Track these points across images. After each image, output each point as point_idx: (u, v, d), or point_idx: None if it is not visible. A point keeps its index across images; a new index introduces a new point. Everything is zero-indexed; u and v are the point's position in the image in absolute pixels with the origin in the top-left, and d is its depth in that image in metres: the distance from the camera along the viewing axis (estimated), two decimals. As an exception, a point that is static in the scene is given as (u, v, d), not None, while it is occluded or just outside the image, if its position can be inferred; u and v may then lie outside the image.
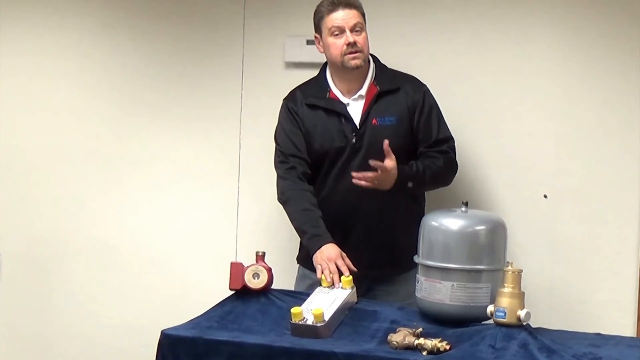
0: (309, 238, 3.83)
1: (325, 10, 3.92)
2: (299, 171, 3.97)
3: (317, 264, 3.71)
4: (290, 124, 4.04)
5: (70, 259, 4.98)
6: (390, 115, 3.97)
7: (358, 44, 3.89)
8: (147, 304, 4.83)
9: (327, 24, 3.92)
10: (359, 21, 3.91)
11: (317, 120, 4.00)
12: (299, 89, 4.13)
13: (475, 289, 3.36)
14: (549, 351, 3.08)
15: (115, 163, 4.91)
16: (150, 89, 4.85)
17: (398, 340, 3.19)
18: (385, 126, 3.94)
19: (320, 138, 3.99)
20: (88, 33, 4.95)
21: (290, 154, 4.00)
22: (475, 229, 3.45)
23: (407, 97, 4.00)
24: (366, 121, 3.96)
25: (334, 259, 3.69)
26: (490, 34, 4.32)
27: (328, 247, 3.75)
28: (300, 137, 4.01)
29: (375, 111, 3.97)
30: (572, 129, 4.21)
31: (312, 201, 3.91)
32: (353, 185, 3.83)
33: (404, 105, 3.99)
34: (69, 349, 4.99)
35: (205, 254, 4.77)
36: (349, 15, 3.89)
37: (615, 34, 4.14)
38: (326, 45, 3.97)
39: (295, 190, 3.95)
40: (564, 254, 4.20)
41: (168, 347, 3.35)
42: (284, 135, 4.04)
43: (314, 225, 3.84)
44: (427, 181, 3.95)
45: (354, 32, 3.89)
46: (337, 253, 3.71)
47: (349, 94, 4.00)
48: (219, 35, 4.75)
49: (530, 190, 4.26)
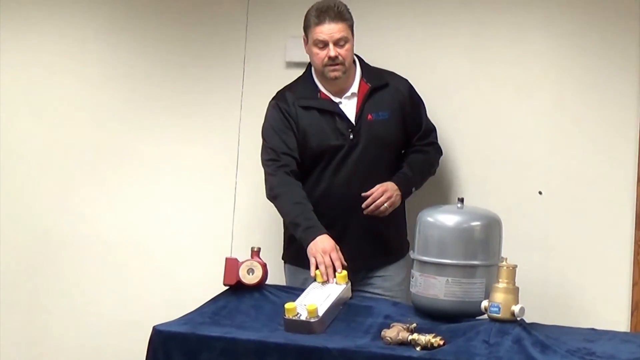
0: (303, 230, 3.83)
1: (312, 21, 3.97)
2: (289, 169, 3.99)
3: (311, 255, 3.71)
4: (281, 123, 4.06)
5: (64, 256, 4.98)
6: (384, 110, 4.04)
7: (340, 56, 3.95)
8: (142, 300, 4.83)
9: (312, 35, 3.97)
10: (344, 35, 3.95)
11: (311, 120, 4.03)
12: (287, 90, 4.15)
13: (470, 285, 3.37)
14: (543, 346, 3.08)
15: (112, 160, 4.91)
16: (152, 87, 4.86)
17: (392, 336, 3.19)
18: (380, 121, 4.03)
19: (317, 137, 4.02)
20: (91, 31, 4.97)
21: (281, 152, 4.01)
22: (471, 225, 3.46)
23: (397, 92, 4.08)
24: (361, 117, 4.01)
25: (329, 251, 3.70)
26: (487, 35, 4.35)
27: (322, 239, 3.76)
28: (291, 136, 4.03)
29: (369, 107, 4.03)
30: (567, 126, 4.21)
31: (302, 195, 3.93)
32: (350, 179, 3.97)
33: (394, 99, 4.07)
34: (61, 345, 4.98)
35: (201, 250, 4.77)
36: (334, 29, 3.93)
37: (611, 33, 4.15)
38: (310, 52, 4.03)
39: (285, 185, 3.97)
40: (559, 249, 4.20)
41: (160, 343, 3.34)
42: (273, 133, 4.06)
43: (307, 217, 3.85)
44: (424, 178, 4.14)
45: (338, 46, 3.94)
46: (332, 245, 3.72)
47: (339, 93, 4.05)
48: (221, 35, 4.77)
49: (525, 186, 4.27)
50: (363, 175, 3.98)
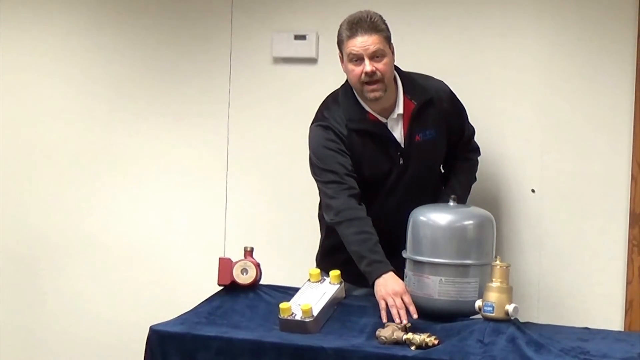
0: (368, 264, 3.58)
1: (345, 34, 3.71)
2: (354, 192, 3.73)
3: (381, 298, 3.47)
4: (335, 143, 3.77)
5: (59, 256, 4.98)
6: (430, 128, 3.83)
7: (378, 72, 3.67)
8: (136, 300, 4.83)
9: (346, 50, 3.71)
10: (380, 47, 3.67)
11: (363, 145, 3.79)
12: (334, 107, 3.87)
13: (464, 284, 3.37)
14: (537, 345, 3.09)
15: (103, 160, 4.90)
16: (138, 85, 4.84)
17: (386, 335, 3.20)
18: (428, 140, 3.83)
19: (369, 163, 3.80)
20: (75, 29, 4.95)
21: (344, 173, 3.73)
22: (464, 224, 3.47)
23: (441, 105, 3.87)
24: (410, 139, 3.81)
25: (401, 294, 3.46)
26: (477, 30, 4.31)
27: (391, 279, 3.53)
28: (348, 158, 3.76)
29: (416, 127, 3.81)
30: (559, 124, 4.20)
31: (369, 224, 3.67)
32: (402, 203, 3.73)
33: (440, 115, 3.86)
34: (58, 345, 4.99)
35: (194, 250, 4.76)
36: (369, 42, 3.66)
37: (603, 29, 4.13)
38: (346, 70, 3.77)
39: (351, 210, 3.69)
40: (552, 248, 4.20)
41: (157, 343, 3.36)
42: (331, 154, 3.77)
43: (373, 250, 3.60)
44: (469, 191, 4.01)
45: (374, 59, 3.67)
46: (402, 287, 3.49)
47: (385, 113, 3.80)
48: (206, 31, 4.73)
49: (518, 185, 4.26)
50: (415, 197, 3.74)
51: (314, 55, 4.48)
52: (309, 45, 4.49)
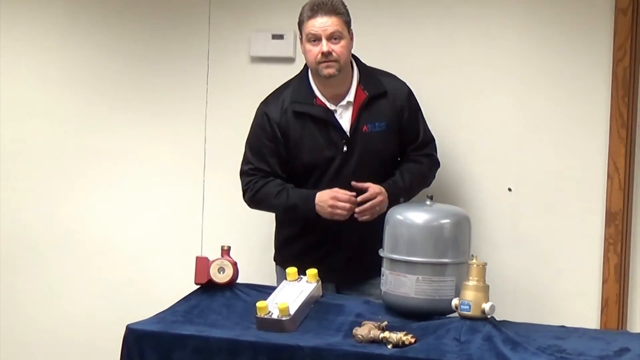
0: (302, 204, 3.84)
1: (305, 15, 3.83)
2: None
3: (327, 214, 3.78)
4: (267, 138, 3.93)
5: (35, 254, 4.97)
6: (380, 120, 3.91)
7: (334, 53, 3.78)
8: (113, 299, 4.82)
9: (305, 30, 3.83)
10: (338, 29, 3.79)
11: (303, 130, 3.89)
12: (283, 90, 3.99)
13: (440, 282, 3.37)
14: (514, 344, 3.10)
15: (81, 158, 4.89)
16: (115, 83, 4.83)
17: (363, 334, 3.20)
18: (376, 132, 3.90)
19: (309, 149, 3.90)
20: (52, 27, 4.93)
21: (263, 169, 3.95)
22: (440, 223, 3.46)
23: (395, 100, 3.94)
24: (356, 129, 3.89)
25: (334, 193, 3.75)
26: (455, 28, 4.32)
27: (321, 195, 3.79)
28: (279, 154, 3.92)
29: (365, 117, 3.89)
30: (536, 122, 4.22)
31: (278, 182, 3.90)
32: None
33: (392, 109, 3.93)
34: (34, 344, 4.98)
35: (171, 249, 4.76)
36: (328, 23, 3.78)
37: (581, 27, 4.14)
38: (304, 50, 3.88)
39: (262, 184, 3.92)
40: (529, 246, 4.22)
41: (133, 342, 3.35)
42: (259, 150, 3.96)
43: (295, 194, 3.86)
44: (414, 190, 4.00)
45: (332, 41, 3.79)
46: (330, 191, 3.77)
47: (335, 99, 3.90)
48: (184, 30, 4.73)
49: (495, 183, 4.27)
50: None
51: (291, 55, 4.49)
52: (287, 44, 4.50)
